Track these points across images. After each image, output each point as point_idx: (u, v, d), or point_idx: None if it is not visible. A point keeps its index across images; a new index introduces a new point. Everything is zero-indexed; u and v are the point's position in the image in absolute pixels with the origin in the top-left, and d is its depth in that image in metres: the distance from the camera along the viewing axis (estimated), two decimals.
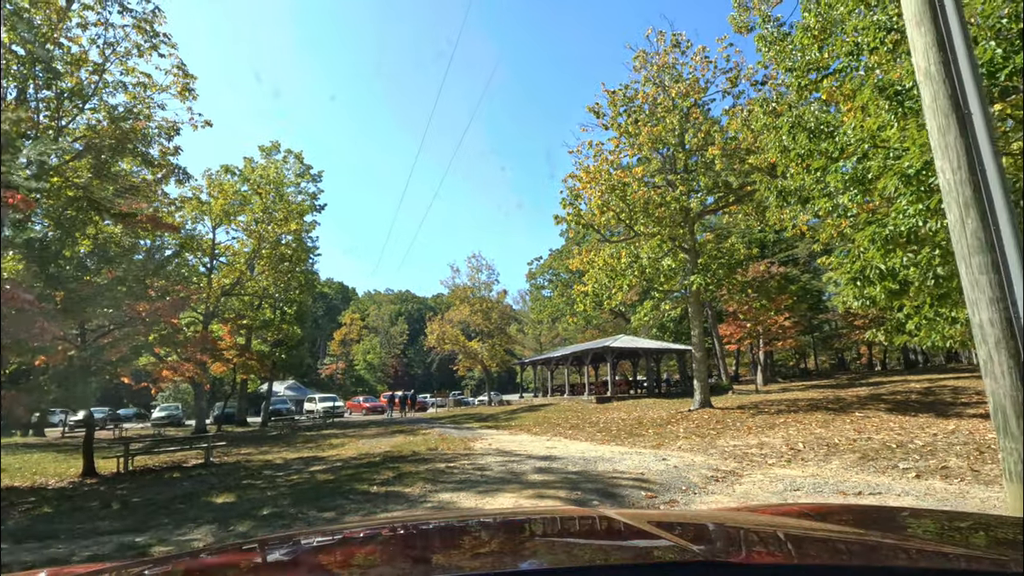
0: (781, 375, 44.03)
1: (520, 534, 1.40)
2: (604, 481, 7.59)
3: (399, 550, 1.28)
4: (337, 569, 1.14)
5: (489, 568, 0.97)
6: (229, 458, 15.00)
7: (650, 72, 21.00)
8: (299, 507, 6.87)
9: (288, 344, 34.42)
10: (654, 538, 1.20)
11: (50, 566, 4.71)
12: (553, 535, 1.38)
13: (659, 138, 19.70)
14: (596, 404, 26.25)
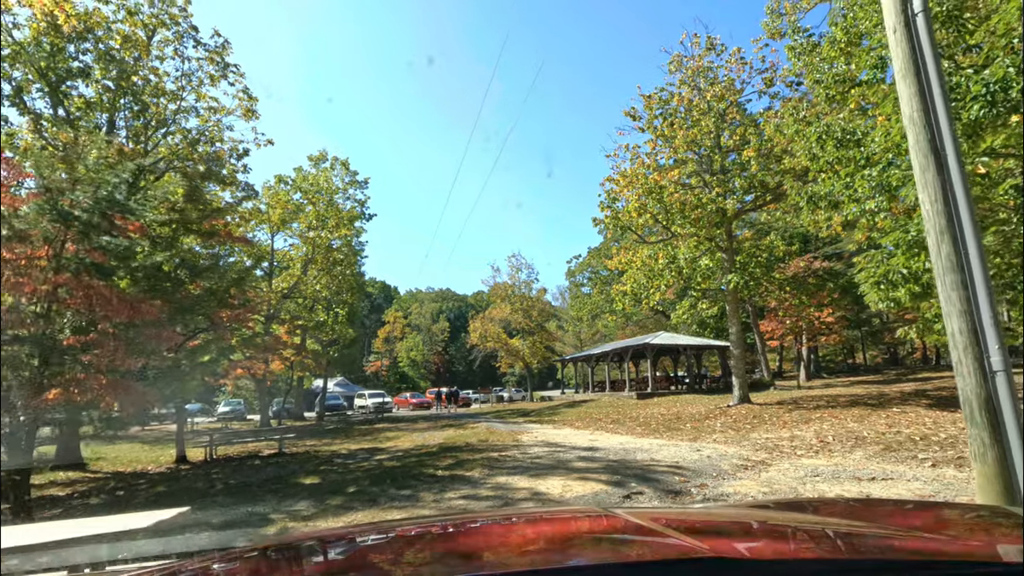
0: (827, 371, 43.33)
1: (523, 534, 1.41)
2: (641, 468, 8.48)
3: (401, 551, 1.30)
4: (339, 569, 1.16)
5: (492, 568, 0.98)
6: (298, 449, 16.51)
7: (685, 75, 21.48)
8: (378, 486, 8.06)
9: (341, 343, 36.35)
10: (658, 535, 1.21)
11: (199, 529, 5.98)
12: (556, 534, 1.39)
13: (695, 141, 20.21)
14: (637, 400, 26.90)
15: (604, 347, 39.15)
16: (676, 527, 1.29)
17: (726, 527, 1.38)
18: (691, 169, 21.11)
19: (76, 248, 7.25)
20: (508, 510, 4.90)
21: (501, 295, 46.49)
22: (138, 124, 18.15)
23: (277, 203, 30.67)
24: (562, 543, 1.27)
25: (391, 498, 7.18)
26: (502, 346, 46.59)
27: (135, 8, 16.84)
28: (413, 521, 1.95)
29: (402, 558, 1.21)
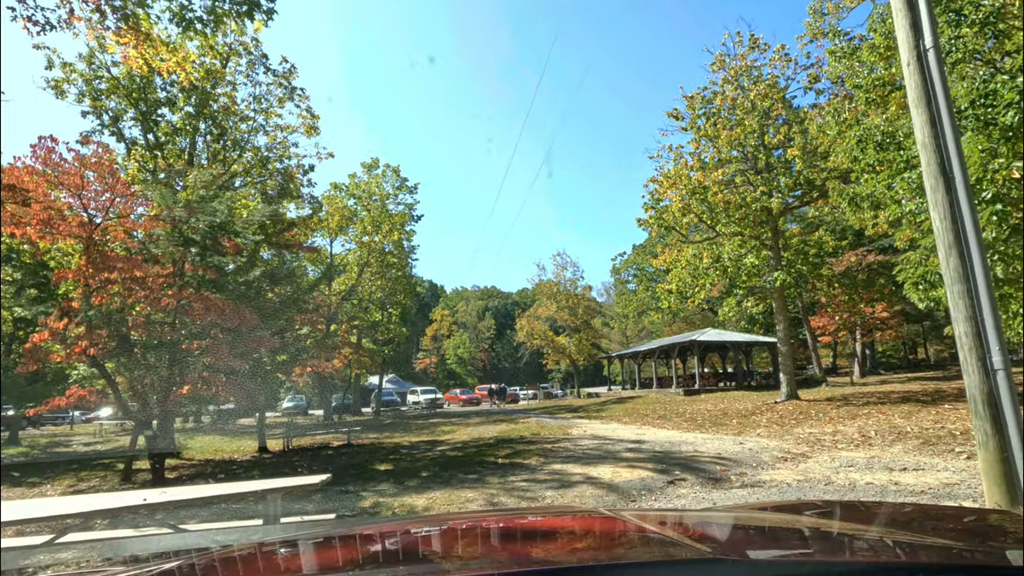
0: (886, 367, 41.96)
1: (524, 534, 1.42)
2: (685, 458, 9.18)
3: (401, 551, 1.30)
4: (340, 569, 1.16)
5: (493, 568, 0.99)
6: (363, 441, 17.88)
7: (728, 74, 21.66)
8: (447, 472, 9.11)
9: (396, 342, 38.07)
10: (657, 536, 1.22)
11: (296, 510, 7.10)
12: (557, 534, 1.39)
13: (738, 140, 20.41)
14: (684, 396, 27.20)
15: (650, 344, 39.36)
16: (676, 528, 1.31)
17: (725, 529, 1.40)
18: (735, 168, 21.29)
19: (193, 267, 8.60)
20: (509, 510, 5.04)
21: (547, 293, 47.31)
22: (216, 145, 20.01)
23: (335, 210, 32.53)
24: (562, 544, 1.28)
25: (461, 481, 8.19)
26: (548, 343, 47.43)
27: (213, 41, 18.60)
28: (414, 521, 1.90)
29: (403, 557, 1.22)
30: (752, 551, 1.10)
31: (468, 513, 1.97)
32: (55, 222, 8.07)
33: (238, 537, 3.92)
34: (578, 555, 1.13)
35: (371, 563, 1.18)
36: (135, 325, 7.89)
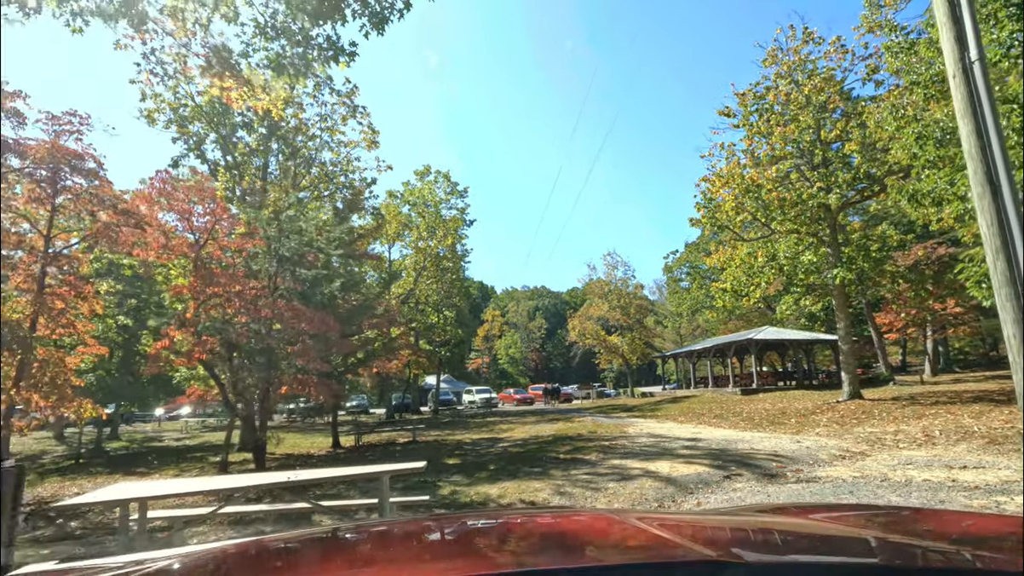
0: (962, 364, 39.70)
1: (524, 535, 1.42)
2: (742, 455, 9.50)
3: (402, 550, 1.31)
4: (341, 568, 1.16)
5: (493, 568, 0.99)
6: (426, 438, 18.88)
7: (781, 69, 21.38)
8: (513, 465, 9.81)
9: (452, 343, 39.32)
10: (659, 538, 1.23)
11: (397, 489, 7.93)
12: (557, 535, 1.40)
13: (793, 136, 20.14)
14: (741, 396, 26.89)
15: (705, 343, 38.87)
16: (677, 530, 1.31)
17: (728, 531, 1.41)
18: (790, 164, 20.99)
19: (283, 280, 9.68)
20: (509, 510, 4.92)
21: (598, 293, 47.44)
22: (287, 163, 21.60)
23: (392, 217, 34.03)
24: (563, 544, 1.28)
25: (526, 474, 8.87)
26: (600, 343, 47.54)
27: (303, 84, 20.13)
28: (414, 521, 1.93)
29: (403, 557, 1.23)
30: (754, 553, 1.12)
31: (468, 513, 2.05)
32: (171, 244, 9.32)
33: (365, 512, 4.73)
34: (579, 556, 1.13)
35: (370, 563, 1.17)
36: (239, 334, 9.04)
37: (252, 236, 11.45)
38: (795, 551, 1.17)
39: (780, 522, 1.55)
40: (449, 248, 36.62)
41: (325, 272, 11.05)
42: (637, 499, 6.70)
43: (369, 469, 4.55)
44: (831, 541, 1.25)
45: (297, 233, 9.29)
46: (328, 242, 10.25)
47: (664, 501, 6.64)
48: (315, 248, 9.68)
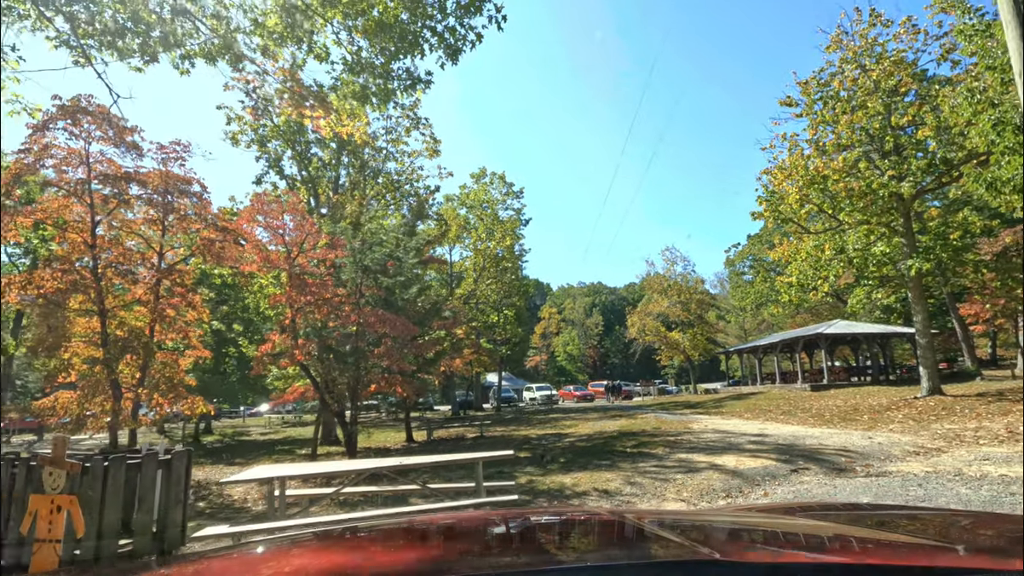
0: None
1: (524, 533, 1.42)
2: (810, 450, 9.61)
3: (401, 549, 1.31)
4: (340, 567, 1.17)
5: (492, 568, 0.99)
6: (493, 433, 19.67)
7: (846, 54, 20.69)
8: (582, 459, 10.35)
9: (512, 342, 40.22)
10: (658, 537, 1.23)
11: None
12: (556, 534, 1.40)
13: (860, 124, 19.48)
14: (810, 392, 26.13)
15: (771, 338, 37.79)
16: (677, 529, 1.30)
17: (727, 530, 1.40)
18: (858, 153, 20.28)
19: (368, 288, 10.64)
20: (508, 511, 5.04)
21: (656, 288, 46.96)
22: (356, 175, 23.00)
23: (452, 221, 35.23)
24: (563, 544, 1.28)
25: (596, 466, 9.39)
26: (660, 339, 47.04)
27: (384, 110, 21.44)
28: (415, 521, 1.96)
29: (402, 556, 1.23)
30: (754, 552, 1.12)
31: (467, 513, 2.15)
32: (270, 258, 10.48)
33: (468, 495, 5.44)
34: (579, 556, 1.13)
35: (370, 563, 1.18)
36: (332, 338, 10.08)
37: (334, 247, 12.58)
38: (795, 551, 1.16)
39: (780, 522, 1.55)
40: (507, 249, 37.44)
41: (402, 279, 11.99)
42: (705, 490, 7.10)
43: (465, 456, 5.24)
44: (831, 541, 1.25)
45: (379, 244, 10.26)
46: (405, 251, 11.19)
47: (731, 492, 7.00)
48: (393, 257, 10.62)
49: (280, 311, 12.26)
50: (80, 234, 12.80)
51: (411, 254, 11.30)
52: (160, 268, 14.11)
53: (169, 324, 14.01)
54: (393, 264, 12.07)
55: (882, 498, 5.90)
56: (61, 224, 12.93)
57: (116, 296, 13.75)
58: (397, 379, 10.05)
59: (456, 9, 7.36)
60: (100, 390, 12.55)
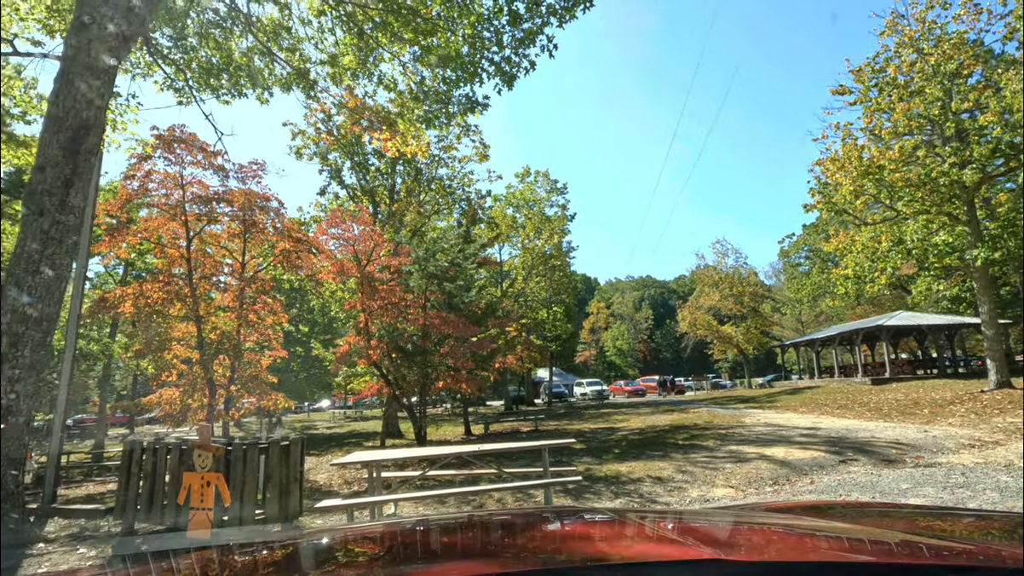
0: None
1: (525, 534, 1.42)
2: (861, 442, 9.85)
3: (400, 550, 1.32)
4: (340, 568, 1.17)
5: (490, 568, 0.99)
6: (547, 427, 20.42)
7: (901, 39, 20.14)
8: (635, 450, 10.95)
9: (562, 338, 40.84)
10: (657, 537, 1.24)
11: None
12: (558, 535, 1.40)
13: (918, 112, 18.96)
14: (870, 386, 25.50)
15: (829, 330, 36.77)
16: (677, 528, 1.32)
17: (728, 529, 1.41)
18: (917, 140, 19.72)
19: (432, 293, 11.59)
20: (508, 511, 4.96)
21: (707, 281, 46.38)
22: (411, 181, 24.20)
23: (501, 221, 36.14)
24: (563, 544, 1.29)
25: (649, 456, 9.98)
26: (712, 333, 46.48)
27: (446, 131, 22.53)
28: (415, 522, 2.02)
29: (402, 557, 1.24)
30: (756, 552, 1.13)
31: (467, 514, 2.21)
32: (344, 266, 11.60)
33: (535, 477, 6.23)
34: (579, 556, 1.13)
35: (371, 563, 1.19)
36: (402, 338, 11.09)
37: (397, 254, 13.63)
38: (796, 550, 1.16)
39: (782, 521, 1.57)
40: (555, 246, 38.01)
41: (462, 283, 12.89)
42: (753, 478, 7.59)
43: (531, 444, 6.01)
44: (831, 540, 1.26)
45: (442, 252, 11.18)
46: (465, 258, 12.08)
47: (779, 480, 7.47)
48: (454, 264, 11.52)
49: (353, 315, 13.42)
50: (177, 249, 14.39)
51: (470, 261, 12.19)
52: (243, 277, 15.61)
53: (252, 327, 15.49)
54: (453, 269, 13.00)
55: (921, 485, 6.25)
56: (160, 241, 14.56)
57: (207, 303, 15.32)
58: (462, 376, 10.96)
59: (512, 42, 8.11)
60: (198, 387, 14.12)
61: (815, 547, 1.19)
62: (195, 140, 14.23)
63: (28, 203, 6.28)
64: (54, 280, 6.35)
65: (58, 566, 5.44)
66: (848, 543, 1.21)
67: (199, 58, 10.87)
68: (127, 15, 6.78)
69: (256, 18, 10.44)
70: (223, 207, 14.77)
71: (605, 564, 1.02)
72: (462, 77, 8.72)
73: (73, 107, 6.38)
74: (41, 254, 6.23)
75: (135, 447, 6.46)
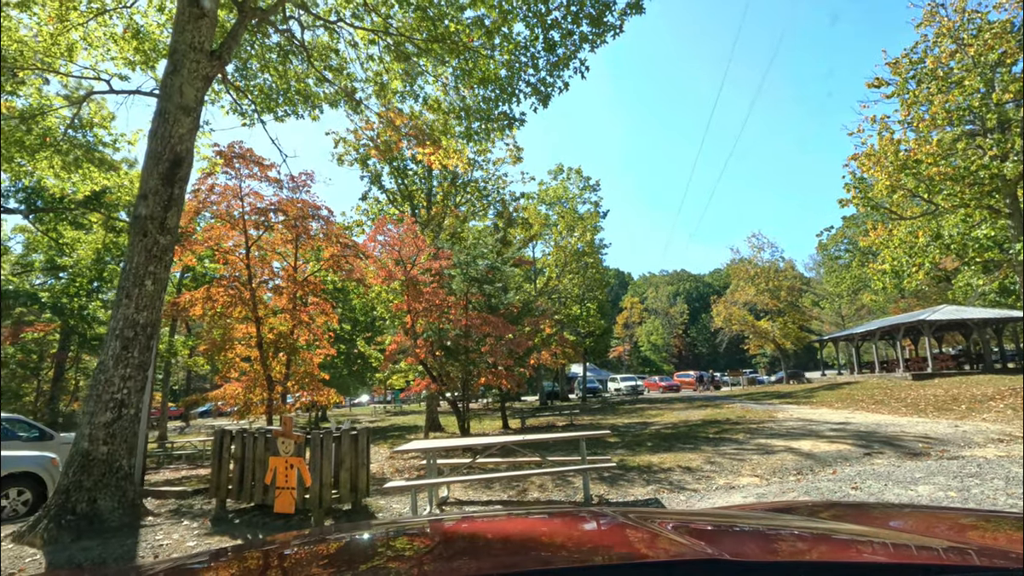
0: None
1: (524, 534, 1.43)
2: (889, 437, 10.18)
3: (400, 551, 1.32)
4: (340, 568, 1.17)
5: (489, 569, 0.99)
6: (581, 422, 21.03)
7: (940, 29, 19.86)
8: (667, 443, 11.52)
9: (596, 334, 41.32)
10: (655, 537, 1.24)
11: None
12: (558, 535, 1.41)
13: (957, 104, 18.70)
14: (911, 381, 25.16)
15: (869, 325, 36.10)
16: (676, 528, 1.31)
17: (728, 529, 1.43)
18: (954, 134, 19.44)
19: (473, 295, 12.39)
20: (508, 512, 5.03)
21: (743, 276, 45.95)
22: (447, 185, 25.11)
23: (535, 220, 36.80)
24: (562, 544, 1.29)
25: (679, 448, 10.54)
26: (748, 328, 46.08)
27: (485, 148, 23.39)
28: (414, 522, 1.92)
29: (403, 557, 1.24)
30: (757, 552, 1.14)
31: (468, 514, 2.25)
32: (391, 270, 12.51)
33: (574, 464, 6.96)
34: (579, 556, 1.13)
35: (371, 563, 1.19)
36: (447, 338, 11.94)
37: (438, 258, 14.50)
38: (797, 550, 1.16)
39: (784, 522, 1.57)
40: (587, 244, 38.45)
41: (500, 285, 13.66)
42: (777, 468, 8.10)
43: (570, 435, 6.71)
44: (831, 540, 1.26)
45: (481, 257, 11.97)
46: (503, 262, 12.85)
47: (803, 471, 7.95)
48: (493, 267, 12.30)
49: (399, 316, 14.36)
50: (238, 256, 15.63)
51: (509, 264, 12.95)
52: (296, 281, 16.78)
53: (305, 327, 16.65)
54: (491, 272, 13.78)
55: (935, 475, 6.67)
56: (223, 249, 15.83)
57: (265, 306, 16.55)
58: (502, 373, 11.75)
59: (547, 65, 8.78)
60: (258, 383, 15.34)
61: (815, 548, 1.19)
62: (252, 155, 15.41)
63: (134, 226, 7.32)
64: (156, 291, 7.39)
65: (171, 535, 6.44)
66: (848, 544, 1.21)
67: (260, 84, 11.94)
68: (210, 58, 7.76)
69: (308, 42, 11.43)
70: (278, 216, 15.94)
71: (606, 564, 1.03)
72: (500, 97, 9.44)
73: (168, 143, 7.39)
74: (145, 269, 7.26)
75: (224, 435, 7.47)
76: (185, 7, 7.48)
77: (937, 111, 19.07)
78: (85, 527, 6.59)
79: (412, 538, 1.47)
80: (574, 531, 1.45)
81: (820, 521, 1.61)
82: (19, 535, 6.60)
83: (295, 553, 1.37)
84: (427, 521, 1.87)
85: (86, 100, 11.20)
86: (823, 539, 1.28)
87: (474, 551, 1.25)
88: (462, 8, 8.39)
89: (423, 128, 10.94)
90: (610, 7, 7.95)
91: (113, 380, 7.00)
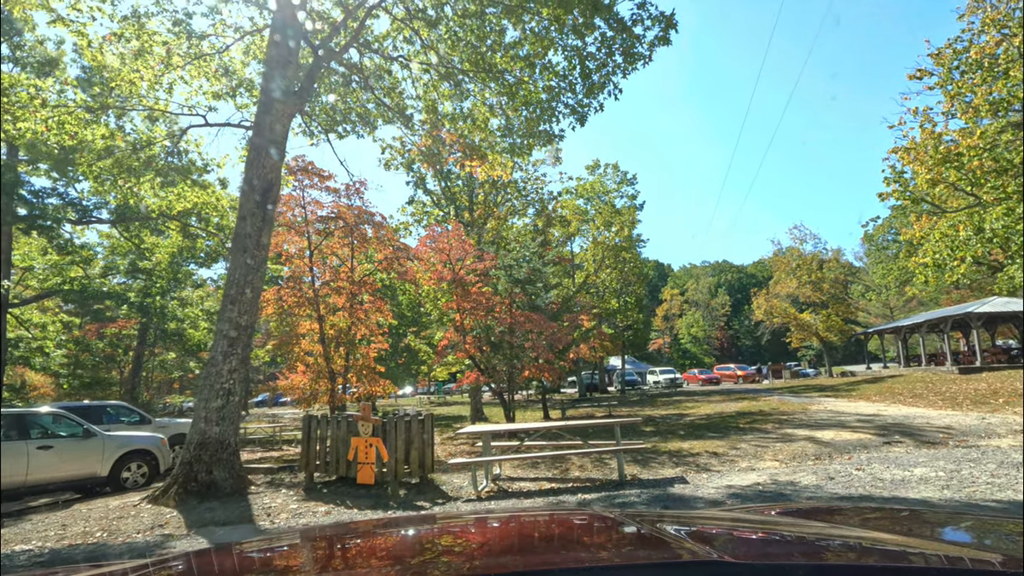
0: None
1: (524, 534, 1.44)
2: (912, 428, 10.74)
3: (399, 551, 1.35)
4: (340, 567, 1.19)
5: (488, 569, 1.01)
6: (619, 413, 21.92)
7: (984, 19, 19.59)
8: (698, 432, 12.37)
9: (634, 328, 41.91)
10: (658, 538, 1.25)
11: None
12: (557, 535, 1.42)
13: (1001, 95, 18.50)
14: (957, 375, 24.88)
15: (915, 318, 35.39)
16: (674, 529, 1.32)
17: (725, 530, 1.44)
18: (999, 126, 19.19)
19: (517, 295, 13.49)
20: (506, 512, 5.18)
21: (784, 268, 45.39)
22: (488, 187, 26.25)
23: (573, 216, 37.60)
24: (562, 545, 1.30)
25: (709, 437, 11.39)
26: (791, 320, 45.53)
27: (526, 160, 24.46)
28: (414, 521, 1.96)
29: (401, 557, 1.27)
30: (753, 553, 1.15)
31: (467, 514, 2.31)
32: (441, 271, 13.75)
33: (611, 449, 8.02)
34: (578, 557, 1.14)
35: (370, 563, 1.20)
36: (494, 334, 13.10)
37: (482, 259, 15.66)
38: (794, 552, 1.17)
39: (780, 523, 1.58)
40: (625, 238, 38.97)
41: (541, 285, 14.70)
42: (797, 454, 8.89)
43: (607, 420, 7.74)
44: (829, 542, 1.26)
45: (526, 261, 13.05)
46: (544, 264, 13.89)
47: (821, 457, 8.72)
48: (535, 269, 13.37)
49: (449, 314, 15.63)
50: (302, 260, 17.22)
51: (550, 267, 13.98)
52: (353, 281, 18.30)
53: (362, 323, 18.17)
54: (532, 273, 14.85)
55: (936, 459, 7.36)
56: (287, 253, 17.46)
57: (326, 304, 18.14)
58: (545, 367, 12.84)
59: (583, 90, 9.73)
60: (321, 375, 16.93)
61: (813, 549, 1.20)
62: (313, 167, 16.93)
63: (235, 243, 8.74)
64: (253, 298, 8.79)
65: (274, 499, 7.83)
66: (847, 545, 1.22)
67: (325, 106, 13.33)
68: (294, 96, 9.08)
69: (365, 65, 12.71)
70: (337, 223, 17.46)
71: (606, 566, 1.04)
72: (542, 117, 10.45)
73: (261, 172, 8.76)
74: (245, 279, 8.67)
75: (311, 420, 8.84)
76: (273, 56, 8.80)
77: (980, 102, 18.88)
78: (205, 492, 8.07)
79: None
80: (572, 531, 1.48)
81: (819, 524, 1.62)
82: (153, 498, 8.13)
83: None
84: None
85: (185, 133, 12.84)
86: (820, 541, 1.28)
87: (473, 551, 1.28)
88: (510, 47, 9.44)
89: (470, 143, 12.05)
90: (640, 39, 8.82)
91: (222, 372, 8.44)
